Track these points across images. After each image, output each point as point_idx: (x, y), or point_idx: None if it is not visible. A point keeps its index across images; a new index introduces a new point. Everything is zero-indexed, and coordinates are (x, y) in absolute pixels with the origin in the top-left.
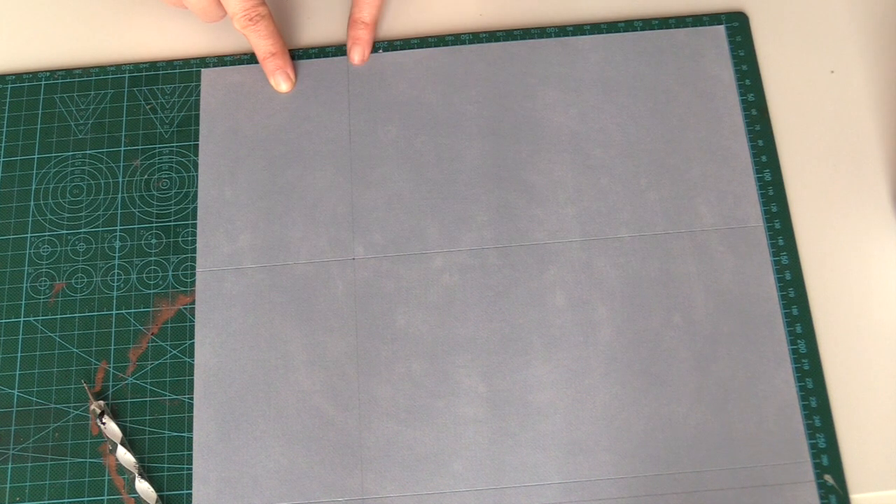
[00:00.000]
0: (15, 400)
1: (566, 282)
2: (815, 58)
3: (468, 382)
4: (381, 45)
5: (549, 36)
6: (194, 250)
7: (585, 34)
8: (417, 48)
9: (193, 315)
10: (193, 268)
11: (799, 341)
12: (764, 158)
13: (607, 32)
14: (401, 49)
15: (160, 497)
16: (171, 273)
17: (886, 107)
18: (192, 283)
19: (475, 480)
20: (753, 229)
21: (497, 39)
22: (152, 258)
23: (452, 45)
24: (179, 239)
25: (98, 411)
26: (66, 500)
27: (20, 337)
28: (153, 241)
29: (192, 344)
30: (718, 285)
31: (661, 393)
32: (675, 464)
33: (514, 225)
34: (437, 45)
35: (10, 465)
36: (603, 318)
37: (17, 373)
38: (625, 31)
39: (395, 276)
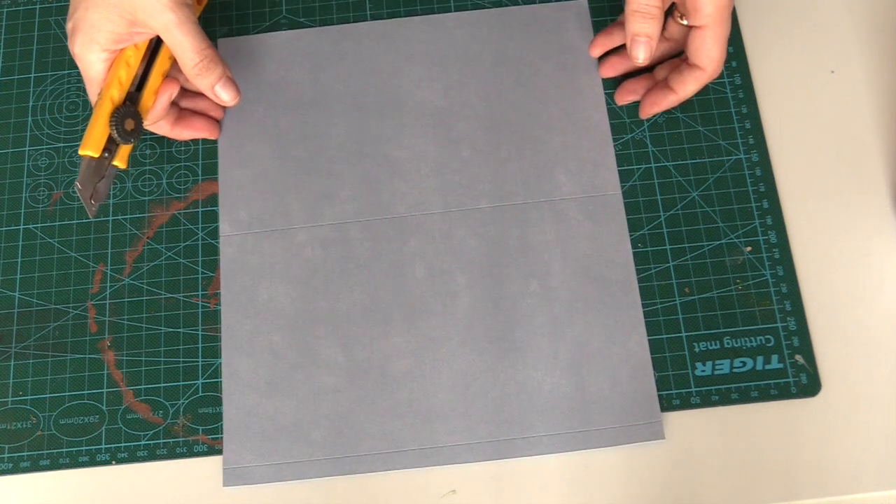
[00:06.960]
0: (16, 301)
1: (426, 253)
2: (815, 58)
3: (327, 353)
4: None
5: (416, 13)
6: (187, 159)
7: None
8: (286, 29)
9: (187, 220)
10: (187, 175)
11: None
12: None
13: (472, 9)
14: (270, 31)
15: None
16: (164, 181)
17: (886, 107)
18: (186, 190)
19: (333, 448)
20: (611, 197)
21: (364, 18)
22: (147, 167)
23: (321, 24)
24: (173, 149)
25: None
26: (66, 394)
27: (20, 243)
28: (147, 151)
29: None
30: (575, 252)
31: (516, 359)
32: (529, 428)
33: (377, 199)
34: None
35: (12, 363)
36: (461, 286)
37: (18, 276)
38: (490, 7)
39: (258, 251)
